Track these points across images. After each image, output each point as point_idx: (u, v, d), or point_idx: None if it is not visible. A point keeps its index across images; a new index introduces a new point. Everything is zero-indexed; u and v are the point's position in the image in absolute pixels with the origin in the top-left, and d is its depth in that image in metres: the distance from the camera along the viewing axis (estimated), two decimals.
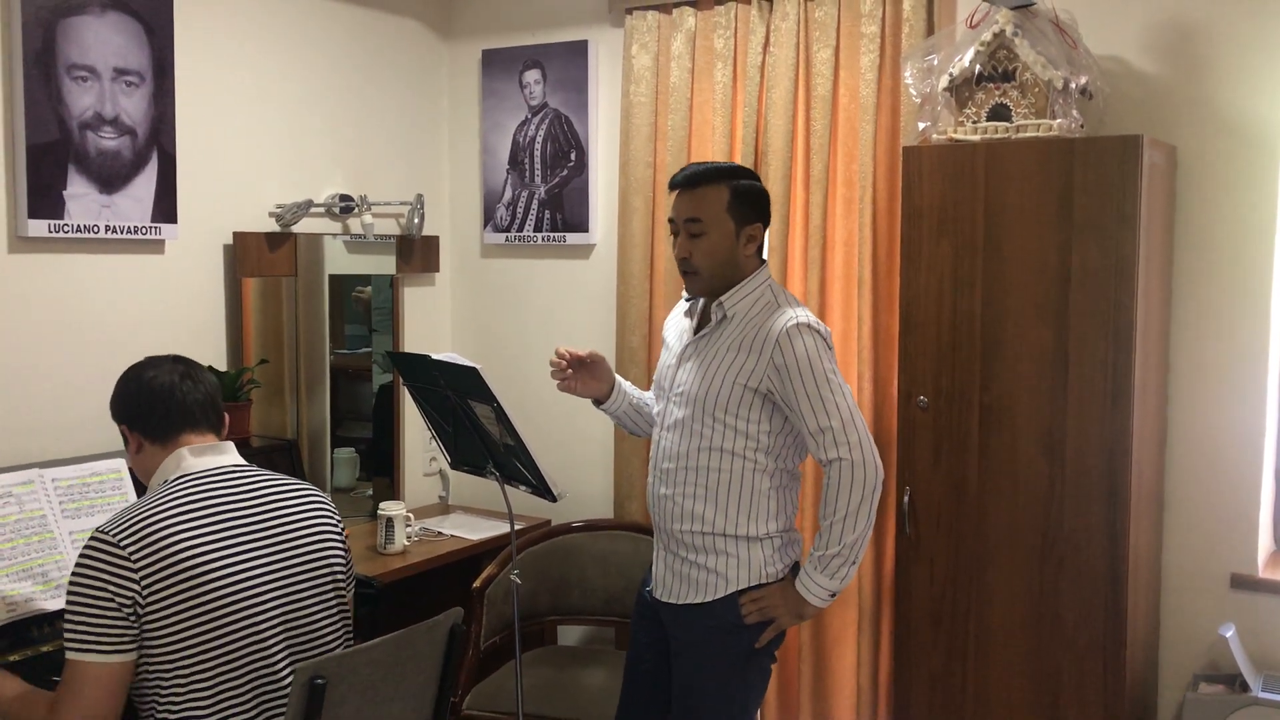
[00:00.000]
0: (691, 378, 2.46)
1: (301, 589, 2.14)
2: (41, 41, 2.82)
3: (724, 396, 2.40)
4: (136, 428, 2.17)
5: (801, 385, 2.34)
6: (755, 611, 2.42)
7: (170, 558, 1.96)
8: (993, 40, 2.75)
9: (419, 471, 3.99)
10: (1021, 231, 2.70)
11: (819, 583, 2.37)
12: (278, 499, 2.18)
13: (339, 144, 3.71)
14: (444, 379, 2.52)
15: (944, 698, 2.85)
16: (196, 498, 2.06)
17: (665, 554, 2.54)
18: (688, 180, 2.46)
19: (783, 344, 2.35)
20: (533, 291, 3.98)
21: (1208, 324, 2.93)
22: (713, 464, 2.43)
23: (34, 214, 2.83)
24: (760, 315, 2.42)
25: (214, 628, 1.99)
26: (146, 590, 1.94)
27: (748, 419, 2.40)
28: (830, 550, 2.35)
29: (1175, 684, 2.99)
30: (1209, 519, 2.95)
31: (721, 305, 2.45)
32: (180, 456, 2.13)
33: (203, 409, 2.18)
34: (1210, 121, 2.89)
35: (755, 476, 2.43)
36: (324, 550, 2.20)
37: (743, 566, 2.43)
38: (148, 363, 2.22)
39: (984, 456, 2.77)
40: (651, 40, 3.55)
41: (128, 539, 1.95)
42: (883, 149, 3.22)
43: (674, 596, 2.50)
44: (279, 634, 2.08)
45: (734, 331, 2.43)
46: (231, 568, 2.03)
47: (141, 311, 3.13)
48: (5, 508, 2.53)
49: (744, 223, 2.45)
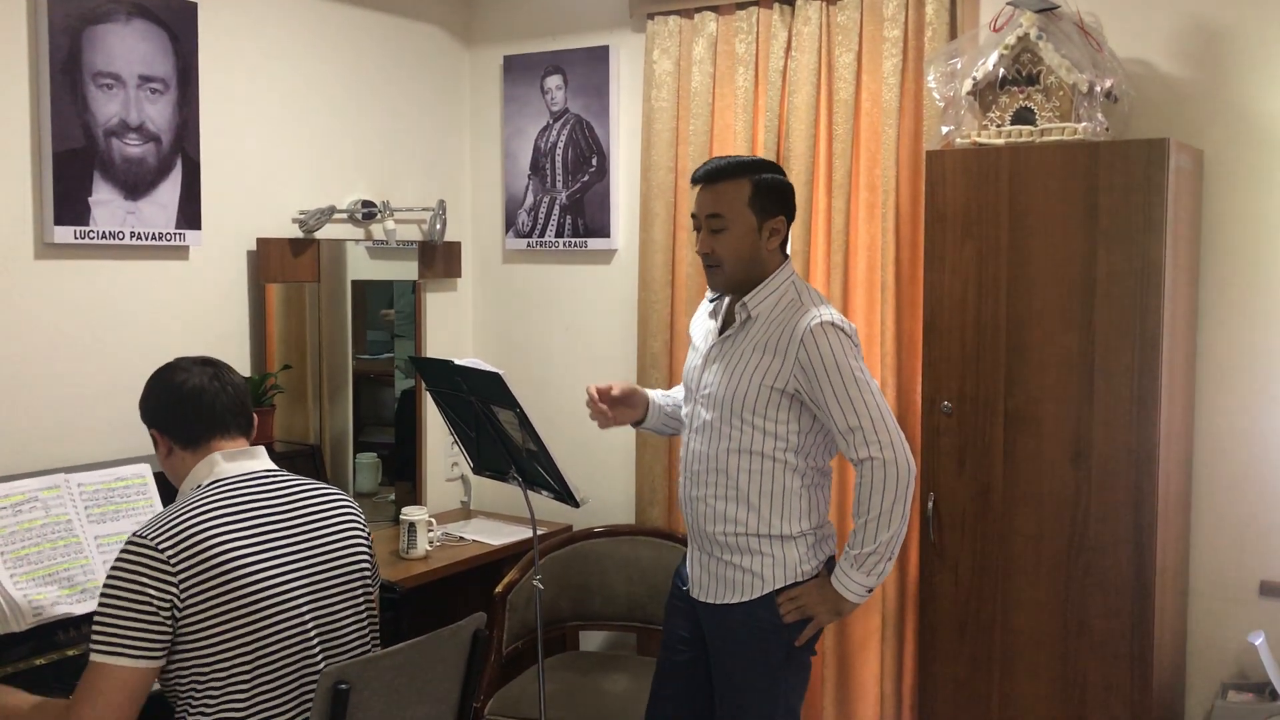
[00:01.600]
0: (717, 380, 2.45)
1: (332, 593, 2.15)
2: (67, 49, 2.84)
3: (751, 398, 2.39)
4: (167, 432, 2.18)
5: (829, 385, 2.32)
6: (793, 610, 2.41)
7: (208, 561, 1.97)
8: (1017, 43, 2.74)
9: (441, 476, 4.00)
10: (1046, 236, 2.68)
11: (856, 579, 2.37)
12: (309, 504, 2.19)
13: (361, 150, 3.72)
14: (467, 384, 2.52)
15: (969, 705, 2.83)
16: (231, 502, 2.07)
17: (700, 554, 2.53)
18: (709, 175, 2.45)
19: (808, 344, 2.33)
20: (554, 297, 3.98)
21: (1235, 329, 2.90)
22: (743, 465, 2.41)
23: (60, 220, 2.85)
24: (784, 314, 2.40)
25: (251, 630, 2.00)
26: (185, 594, 1.95)
27: (776, 419, 2.39)
28: (866, 549, 2.35)
29: (1204, 692, 2.96)
30: (1237, 526, 2.92)
31: (745, 305, 2.44)
32: (213, 461, 2.13)
33: (233, 413, 2.18)
34: (1237, 125, 2.86)
35: (786, 476, 2.41)
36: (353, 554, 2.21)
37: (778, 565, 2.42)
38: (176, 365, 2.21)
39: (1009, 462, 2.75)
40: (673, 45, 3.55)
41: (166, 543, 1.96)
42: (905, 153, 3.20)
43: (711, 596, 2.49)
44: (315, 636, 2.10)
45: (758, 332, 2.42)
46: (267, 571, 2.04)
47: (166, 317, 3.14)
48: (31, 512, 2.54)
49: (766, 217, 2.43)
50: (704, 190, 2.46)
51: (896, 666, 3.26)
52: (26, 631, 2.42)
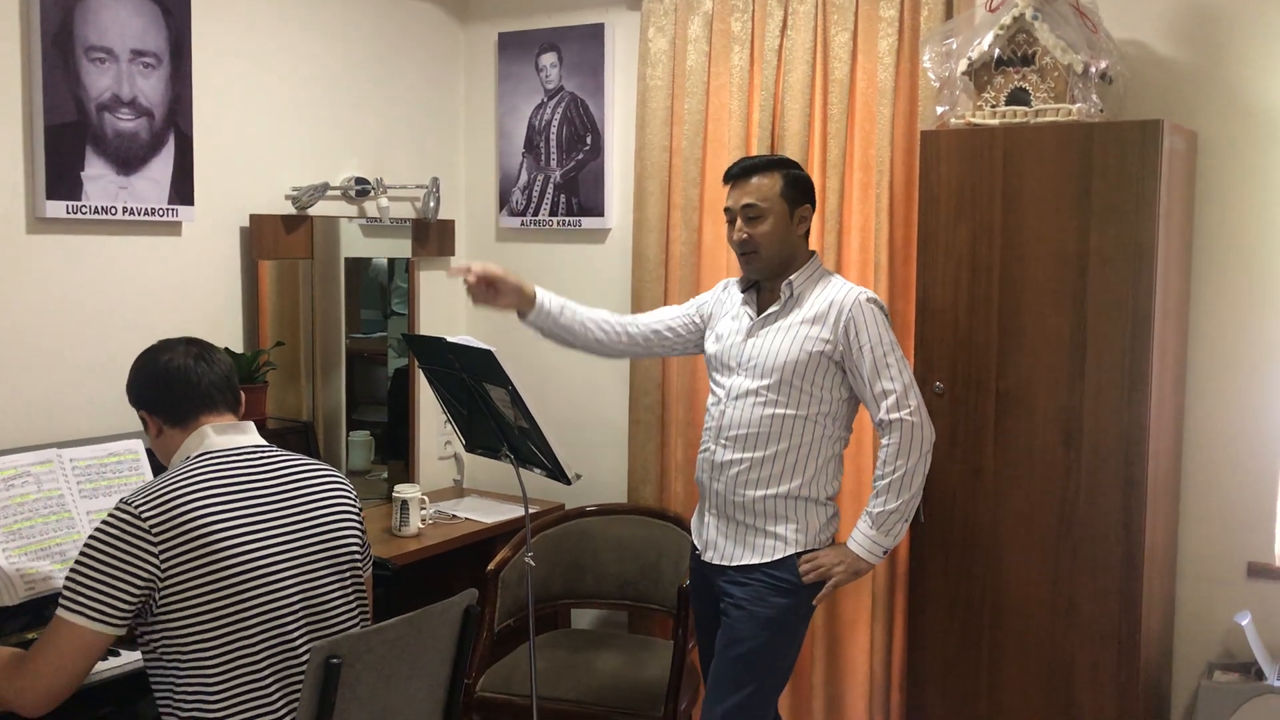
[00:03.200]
0: (769, 349, 2.61)
1: (320, 569, 2.14)
2: (59, 23, 2.82)
3: (803, 365, 2.57)
4: (155, 412, 2.18)
5: (870, 351, 2.54)
6: (813, 571, 2.57)
7: (191, 532, 1.97)
8: (1012, 24, 2.73)
9: (434, 454, 4.00)
10: (1039, 217, 2.69)
11: (875, 539, 2.56)
12: (298, 479, 2.19)
13: (355, 127, 3.71)
14: (459, 362, 2.52)
15: (958, 683, 2.85)
16: (219, 475, 2.07)
17: (720, 520, 2.67)
18: (744, 171, 2.65)
19: (856, 314, 2.55)
20: (548, 275, 3.96)
21: (1227, 312, 2.91)
22: (789, 429, 2.58)
23: (52, 195, 2.84)
24: (828, 292, 2.62)
25: (232, 605, 2.00)
26: (165, 564, 1.95)
27: (823, 385, 2.58)
28: (889, 506, 2.54)
29: (1190, 672, 2.98)
30: (1226, 507, 2.94)
31: (790, 284, 2.64)
32: (204, 434, 2.14)
33: (219, 390, 2.19)
34: (1231, 107, 2.86)
35: (826, 442, 2.62)
36: (342, 531, 2.21)
37: (801, 531, 2.60)
38: (161, 346, 2.22)
39: (1000, 443, 2.76)
40: (668, 24, 3.54)
41: (149, 512, 1.96)
42: (900, 133, 3.20)
43: (729, 559, 2.64)
44: (299, 614, 2.09)
45: (805, 307, 2.61)
46: (253, 546, 2.04)
47: (158, 293, 3.14)
48: (24, 487, 2.55)
49: (796, 205, 2.64)
50: (739, 185, 2.65)
51: (886, 645, 3.27)
52: (18, 605, 2.43)
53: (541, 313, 2.79)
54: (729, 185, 2.67)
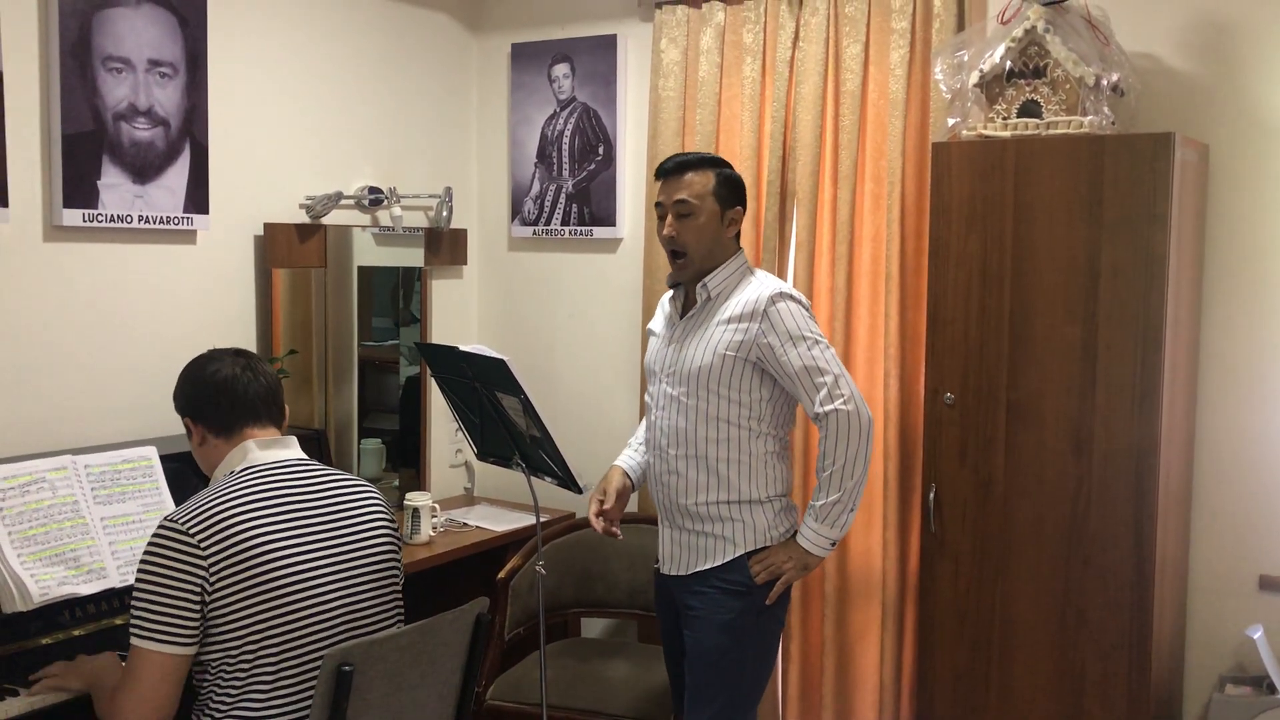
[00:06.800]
0: (684, 355, 2.58)
1: (361, 584, 2.17)
2: (77, 33, 2.85)
3: (717, 369, 2.53)
4: (200, 420, 2.21)
5: (792, 347, 2.48)
6: (763, 570, 2.54)
7: (238, 547, 1.99)
8: (1024, 36, 2.74)
9: (445, 463, 4.01)
10: (1051, 229, 2.69)
11: (820, 532, 2.52)
12: (338, 494, 2.21)
13: (369, 136, 3.73)
14: (471, 370, 2.53)
15: (967, 695, 2.85)
16: (263, 489, 2.09)
17: (672, 530, 2.65)
18: (677, 166, 2.61)
19: (770, 313, 2.50)
20: (560, 285, 3.99)
21: (1238, 324, 2.91)
22: (712, 434, 2.55)
23: (69, 203, 2.86)
24: (743, 291, 2.57)
25: (278, 619, 2.02)
26: (214, 578, 1.97)
27: (741, 389, 2.53)
28: (830, 498, 2.49)
29: (1201, 685, 2.97)
30: (1237, 519, 2.93)
31: (705, 286, 2.59)
32: (247, 449, 2.16)
33: (264, 402, 2.22)
34: (1243, 119, 2.86)
35: (753, 443, 2.56)
36: (382, 545, 2.23)
37: (748, 530, 2.56)
38: (210, 356, 2.26)
39: (1010, 454, 2.76)
40: (680, 35, 3.55)
41: (196, 526, 1.98)
42: (912, 145, 3.21)
43: (683, 568, 2.62)
44: (340, 627, 2.12)
45: (720, 309, 2.57)
46: (297, 560, 2.06)
47: (173, 301, 3.16)
48: (38, 493, 2.56)
49: (727, 206, 2.61)
50: (671, 180, 2.61)
51: (896, 656, 3.27)
52: (33, 611, 2.44)
53: (635, 476, 2.81)
54: (660, 180, 2.63)
